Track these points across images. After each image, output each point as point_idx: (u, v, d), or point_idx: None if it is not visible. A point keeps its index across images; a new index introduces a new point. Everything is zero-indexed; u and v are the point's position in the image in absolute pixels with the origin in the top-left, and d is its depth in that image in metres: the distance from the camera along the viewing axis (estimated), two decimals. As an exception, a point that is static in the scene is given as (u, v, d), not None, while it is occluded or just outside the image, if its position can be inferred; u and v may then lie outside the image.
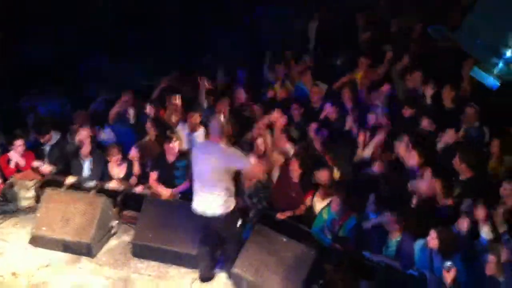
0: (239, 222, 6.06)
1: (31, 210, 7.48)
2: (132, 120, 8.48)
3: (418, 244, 5.70)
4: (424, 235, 5.59)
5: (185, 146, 7.71)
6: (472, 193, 5.94)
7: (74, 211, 6.89)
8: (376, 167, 6.77)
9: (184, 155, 7.31)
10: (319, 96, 8.45)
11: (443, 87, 7.45)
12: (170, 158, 7.33)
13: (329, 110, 7.92)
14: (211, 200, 5.66)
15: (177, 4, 10.76)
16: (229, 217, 5.78)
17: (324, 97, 8.48)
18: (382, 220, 5.97)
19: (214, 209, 5.67)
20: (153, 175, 7.37)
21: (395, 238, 5.87)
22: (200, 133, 7.88)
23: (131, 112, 8.47)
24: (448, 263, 5.03)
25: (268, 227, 6.26)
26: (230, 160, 5.65)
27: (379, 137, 7.11)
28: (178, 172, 7.36)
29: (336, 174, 7.00)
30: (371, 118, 7.60)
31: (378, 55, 8.66)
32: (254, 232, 6.29)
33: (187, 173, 7.18)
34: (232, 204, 5.77)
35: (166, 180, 7.35)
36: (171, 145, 7.26)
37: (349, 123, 7.68)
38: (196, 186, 5.81)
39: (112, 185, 7.47)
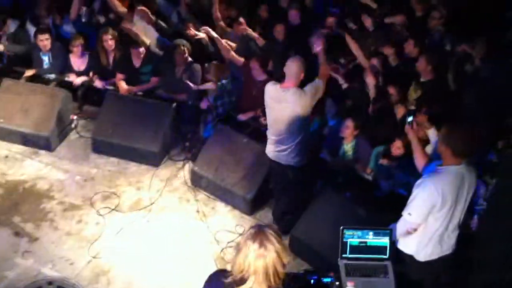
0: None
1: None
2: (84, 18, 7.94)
3: (377, 150, 5.73)
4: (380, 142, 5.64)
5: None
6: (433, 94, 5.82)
7: (34, 103, 6.76)
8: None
9: (150, 60, 7.08)
10: None
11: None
12: (137, 62, 7.08)
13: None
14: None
15: None
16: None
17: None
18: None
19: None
20: (120, 76, 7.09)
21: (349, 142, 5.82)
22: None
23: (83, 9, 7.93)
24: (409, 119, 4.46)
25: (230, 127, 6.23)
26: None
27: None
28: (144, 77, 7.14)
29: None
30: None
31: None
32: (216, 131, 6.29)
33: (152, 76, 7.10)
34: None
35: (131, 83, 7.08)
36: (138, 50, 6.98)
37: None
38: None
39: (73, 78, 7.23)
